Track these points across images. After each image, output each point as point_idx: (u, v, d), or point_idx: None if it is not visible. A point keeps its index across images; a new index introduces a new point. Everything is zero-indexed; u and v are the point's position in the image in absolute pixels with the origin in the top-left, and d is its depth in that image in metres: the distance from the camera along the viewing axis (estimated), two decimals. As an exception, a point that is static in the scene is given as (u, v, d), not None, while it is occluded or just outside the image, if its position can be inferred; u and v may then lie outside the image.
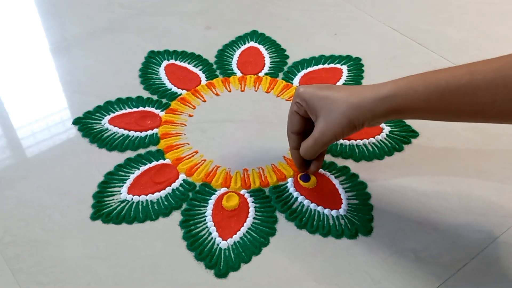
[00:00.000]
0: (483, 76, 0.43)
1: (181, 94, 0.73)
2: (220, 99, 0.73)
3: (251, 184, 0.61)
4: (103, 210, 0.58)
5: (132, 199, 0.59)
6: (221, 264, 0.53)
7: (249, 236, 0.55)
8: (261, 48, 0.81)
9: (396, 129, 0.67)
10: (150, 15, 0.89)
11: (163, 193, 0.60)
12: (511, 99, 0.42)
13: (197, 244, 0.55)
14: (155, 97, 0.73)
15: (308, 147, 0.54)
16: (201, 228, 0.56)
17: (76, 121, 0.69)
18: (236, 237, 0.55)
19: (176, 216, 0.58)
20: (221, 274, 0.52)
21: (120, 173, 0.62)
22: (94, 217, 0.58)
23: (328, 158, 0.64)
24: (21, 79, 0.77)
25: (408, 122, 0.68)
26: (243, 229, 0.56)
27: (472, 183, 0.61)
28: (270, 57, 0.79)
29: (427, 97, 0.46)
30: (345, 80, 0.75)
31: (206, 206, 0.59)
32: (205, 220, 0.57)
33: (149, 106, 0.71)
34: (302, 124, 0.55)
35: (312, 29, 0.85)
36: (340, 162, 0.63)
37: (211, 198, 0.59)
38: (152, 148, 0.66)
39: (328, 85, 0.53)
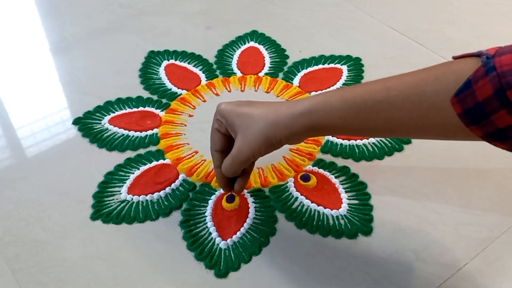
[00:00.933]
0: (399, 92, 0.42)
1: (181, 94, 0.73)
2: (220, 99, 0.73)
3: (251, 184, 0.61)
4: (103, 210, 0.58)
5: (132, 199, 0.59)
6: (221, 264, 0.53)
7: (249, 236, 0.55)
8: (261, 48, 0.81)
9: (396, 129, 0.67)
10: (150, 15, 0.89)
11: (163, 193, 0.60)
12: (427, 116, 0.41)
13: (197, 244, 0.55)
14: (155, 97, 0.73)
15: (227, 165, 0.52)
16: (201, 228, 0.56)
17: (76, 121, 0.69)
18: (236, 237, 0.55)
19: (176, 216, 0.58)
20: (221, 274, 0.52)
21: (120, 173, 0.62)
22: (94, 217, 0.58)
23: (328, 158, 0.64)
24: (21, 79, 0.77)
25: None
26: (243, 229, 0.56)
27: (472, 183, 0.61)
28: (270, 57, 0.79)
29: (343, 114, 0.45)
30: (345, 80, 0.75)
31: (206, 206, 0.59)
32: (205, 220, 0.57)
33: (149, 106, 0.71)
34: (224, 142, 0.54)
35: (312, 29, 0.85)
36: (340, 162, 0.63)
37: (211, 198, 0.59)
38: (152, 148, 0.66)
39: (249, 102, 0.52)
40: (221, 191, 0.60)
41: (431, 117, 0.41)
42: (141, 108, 0.71)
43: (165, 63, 0.78)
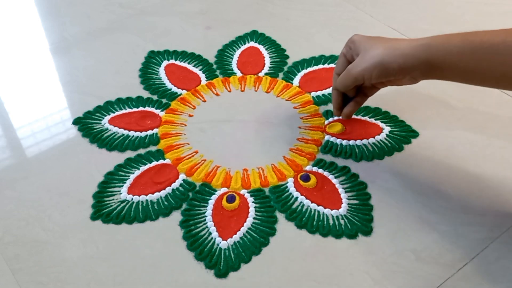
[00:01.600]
0: None
1: (181, 94, 0.73)
2: (220, 99, 0.73)
3: (251, 184, 0.61)
4: (103, 210, 0.58)
5: (132, 199, 0.59)
6: (221, 264, 0.53)
7: (249, 236, 0.55)
8: (261, 48, 0.81)
9: (396, 129, 0.67)
10: (150, 15, 0.89)
11: (163, 193, 0.60)
12: None
13: (197, 244, 0.55)
14: (155, 97, 0.73)
15: (341, 77, 0.57)
16: (201, 228, 0.56)
17: (76, 121, 0.69)
18: (236, 237, 0.55)
19: (176, 216, 0.58)
20: (221, 274, 0.52)
21: (120, 173, 0.62)
22: (94, 217, 0.58)
23: (328, 158, 0.64)
24: (21, 79, 0.77)
25: (408, 122, 0.68)
26: (243, 229, 0.56)
27: (472, 183, 0.61)
28: (270, 57, 0.79)
29: (460, 51, 0.47)
30: (345, 80, 0.75)
31: (206, 206, 0.59)
32: (205, 220, 0.57)
33: (149, 106, 0.71)
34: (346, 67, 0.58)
35: (312, 29, 0.85)
36: (340, 162, 0.63)
37: (211, 198, 0.59)
38: (152, 148, 0.66)
39: (379, 36, 0.56)
40: (221, 191, 0.60)
41: None
42: (141, 108, 0.71)
43: (165, 63, 0.78)
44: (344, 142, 0.66)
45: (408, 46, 0.51)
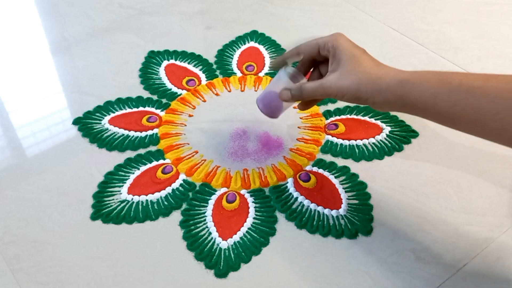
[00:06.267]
0: (495, 85, 0.43)
1: (181, 94, 0.73)
2: (220, 99, 0.73)
3: (251, 184, 0.61)
4: (103, 210, 0.58)
5: (132, 199, 0.59)
6: (221, 264, 0.53)
7: (249, 236, 0.55)
8: (261, 48, 0.81)
9: (396, 129, 0.67)
10: (150, 15, 0.89)
11: (163, 193, 0.60)
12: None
13: (197, 244, 0.55)
14: (155, 97, 0.73)
15: (310, 88, 0.54)
16: (201, 228, 0.56)
17: (76, 121, 0.69)
18: (236, 237, 0.55)
19: (176, 216, 0.58)
20: (221, 274, 0.52)
21: (120, 173, 0.62)
22: (94, 217, 0.58)
23: (328, 158, 0.64)
24: (21, 79, 0.77)
25: (408, 122, 0.68)
26: (243, 229, 0.56)
27: (472, 183, 0.61)
28: (270, 57, 0.79)
29: (436, 92, 0.46)
30: (345, 80, 0.75)
31: (206, 206, 0.59)
32: (205, 220, 0.57)
33: (149, 106, 0.71)
34: (313, 54, 0.56)
35: (312, 29, 0.85)
36: (340, 162, 0.63)
37: (211, 198, 0.59)
38: (152, 148, 0.66)
39: (363, 50, 0.54)
40: (221, 191, 0.60)
41: None
42: (141, 108, 0.71)
43: (165, 63, 0.78)
44: (344, 142, 0.66)
45: (386, 82, 0.49)
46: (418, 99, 0.47)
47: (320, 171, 0.62)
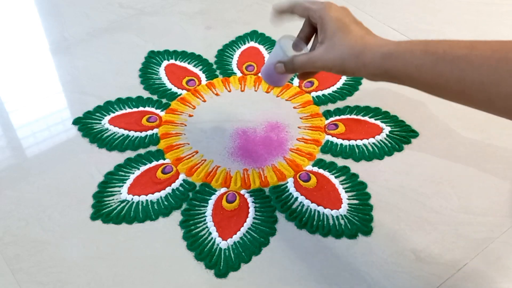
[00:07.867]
0: (481, 52, 0.42)
1: (181, 94, 0.73)
2: (220, 99, 0.73)
3: (251, 184, 0.61)
4: (103, 210, 0.58)
5: (132, 199, 0.59)
6: (221, 264, 0.53)
7: (249, 236, 0.55)
8: (261, 48, 0.81)
9: (396, 129, 0.67)
10: (150, 15, 0.89)
11: (163, 193, 0.60)
12: (499, 84, 0.40)
13: (197, 244, 0.55)
14: (155, 97, 0.73)
15: (301, 61, 0.53)
16: (201, 228, 0.56)
17: (76, 121, 0.69)
18: (236, 237, 0.55)
19: (176, 216, 0.58)
20: (221, 274, 0.52)
21: (120, 173, 0.62)
22: (94, 217, 0.58)
23: (328, 158, 0.64)
24: (21, 79, 0.77)
25: (408, 122, 0.68)
26: (243, 229, 0.56)
27: (472, 183, 0.61)
28: (270, 57, 0.79)
29: (421, 63, 0.45)
30: (345, 80, 0.75)
31: (206, 206, 0.59)
32: (205, 220, 0.57)
33: (149, 106, 0.71)
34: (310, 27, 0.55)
35: (312, 29, 0.85)
36: (340, 162, 0.63)
37: (211, 198, 0.59)
38: (152, 148, 0.66)
39: (351, 19, 0.53)
40: (221, 191, 0.60)
41: (503, 85, 0.40)
42: (141, 108, 0.71)
43: (165, 63, 0.78)
44: (344, 142, 0.66)
45: (370, 56, 0.48)
46: (403, 73, 0.46)
47: (320, 171, 0.62)
